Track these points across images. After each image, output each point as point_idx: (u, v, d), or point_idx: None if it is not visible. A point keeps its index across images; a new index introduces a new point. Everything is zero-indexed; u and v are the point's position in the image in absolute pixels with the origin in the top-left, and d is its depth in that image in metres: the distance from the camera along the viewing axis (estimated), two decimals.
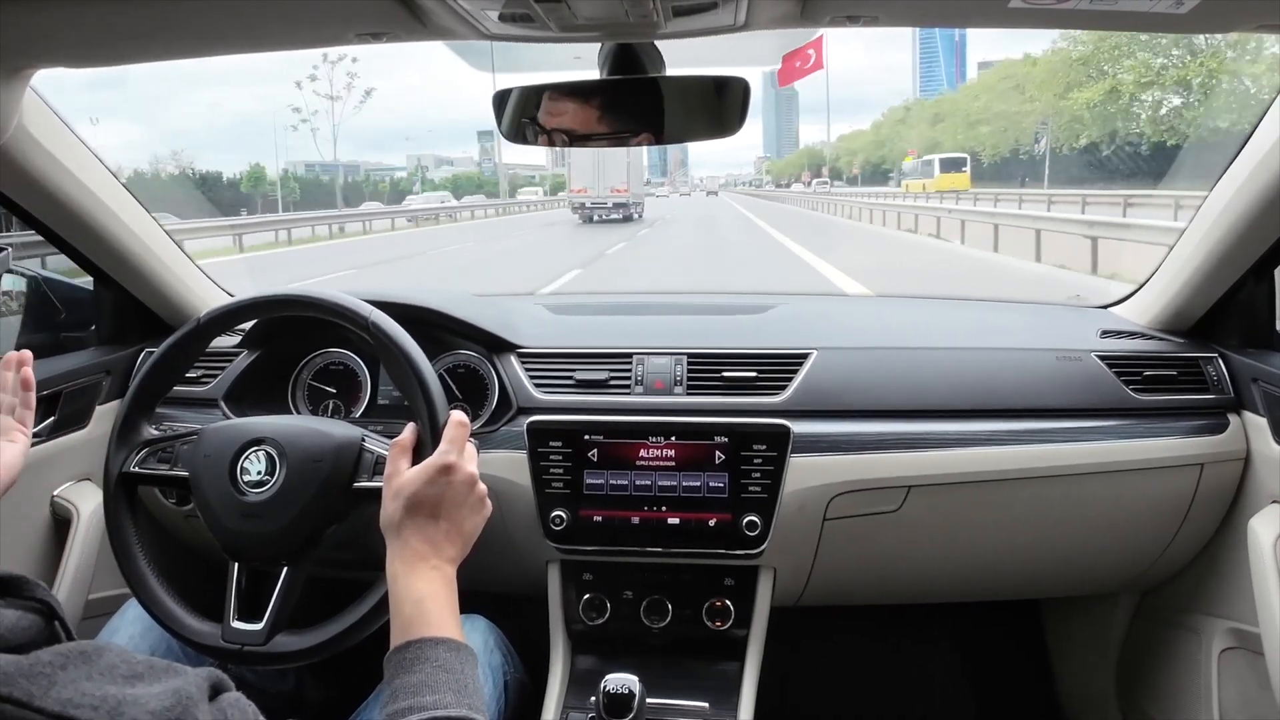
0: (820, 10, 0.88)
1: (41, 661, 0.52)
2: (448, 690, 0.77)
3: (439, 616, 0.85)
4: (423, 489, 0.91)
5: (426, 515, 0.92)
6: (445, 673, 0.79)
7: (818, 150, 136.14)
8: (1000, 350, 1.46)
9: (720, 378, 1.41)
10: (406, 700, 0.76)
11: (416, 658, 0.80)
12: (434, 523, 0.92)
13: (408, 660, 0.80)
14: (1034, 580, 1.57)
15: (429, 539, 0.91)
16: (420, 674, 0.78)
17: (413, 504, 0.91)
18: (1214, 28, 0.92)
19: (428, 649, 0.81)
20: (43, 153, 1.24)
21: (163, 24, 0.94)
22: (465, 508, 0.94)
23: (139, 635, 1.16)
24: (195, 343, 1.17)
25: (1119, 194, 17.79)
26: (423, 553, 0.90)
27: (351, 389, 1.53)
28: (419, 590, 0.87)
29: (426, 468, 0.93)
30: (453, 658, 0.81)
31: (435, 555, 0.90)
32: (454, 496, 0.93)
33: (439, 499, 0.92)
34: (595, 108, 0.99)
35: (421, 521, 0.91)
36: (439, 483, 0.92)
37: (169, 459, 1.12)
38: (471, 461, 0.96)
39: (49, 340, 1.64)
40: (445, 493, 0.92)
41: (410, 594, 0.86)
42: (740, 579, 1.39)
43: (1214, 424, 1.37)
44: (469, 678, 0.80)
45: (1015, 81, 42.07)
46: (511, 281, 10.92)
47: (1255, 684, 1.31)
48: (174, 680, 0.57)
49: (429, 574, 0.89)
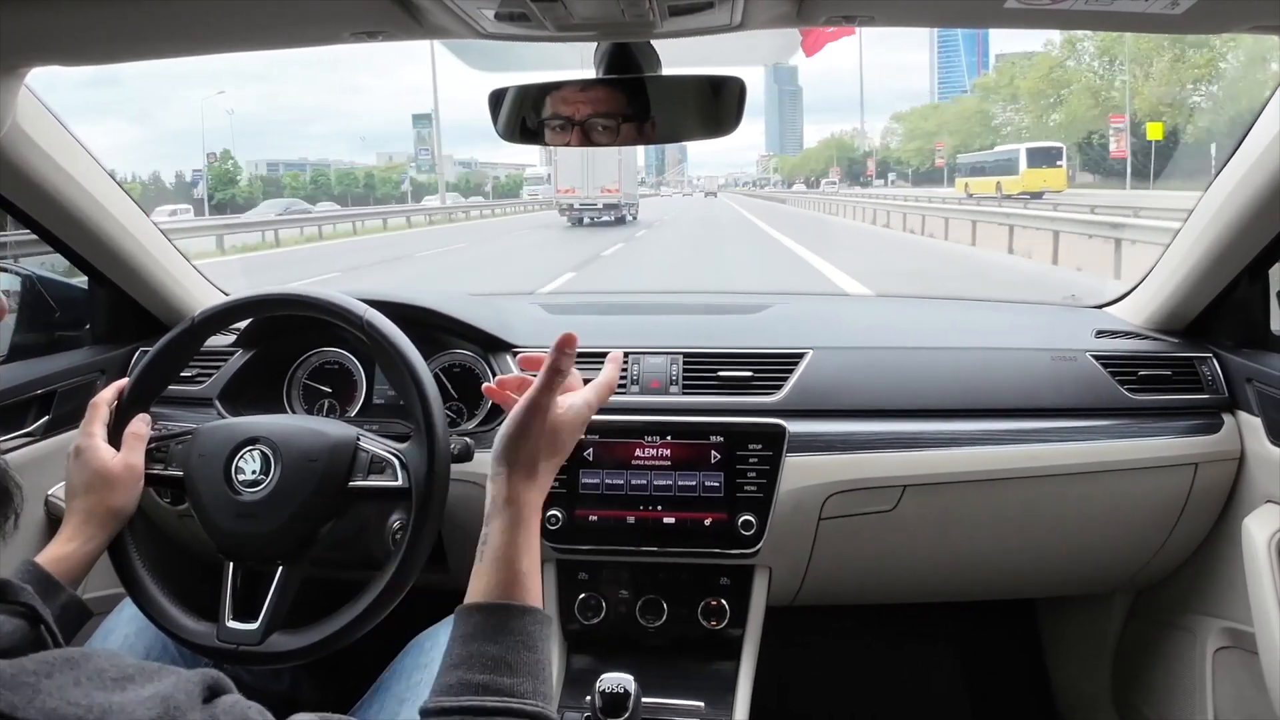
0: (816, 10, 0.89)
1: (25, 670, 0.50)
2: (528, 675, 0.71)
3: (535, 582, 0.78)
4: (535, 438, 0.83)
5: (535, 465, 0.83)
6: (529, 651, 0.72)
7: (847, 141, 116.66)
8: (995, 350, 1.46)
9: (716, 377, 1.41)
10: (483, 674, 0.70)
11: (502, 626, 0.73)
12: (541, 469, 0.83)
13: (493, 626, 0.73)
14: (1029, 580, 1.57)
15: (539, 493, 0.83)
16: (503, 646, 0.72)
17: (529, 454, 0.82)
18: (1209, 29, 0.92)
19: (516, 618, 0.74)
20: (37, 151, 1.24)
21: (157, 22, 0.94)
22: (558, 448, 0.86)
23: (134, 635, 1.16)
24: (190, 341, 1.17)
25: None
26: (533, 508, 0.81)
27: (347, 388, 1.53)
28: (526, 555, 0.78)
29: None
30: (538, 631, 0.74)
31: (537, 514, 0.82)
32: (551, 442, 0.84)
33: (539, 447, 0.83)
34: (591, 106, 0.99)
35: (531, 474, 0.83)
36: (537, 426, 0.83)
37: (163, 458, 1.12)
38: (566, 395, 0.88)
39: (43, 339, 1.64)
40: (543, 440, 0.83)
41: (516, 553, 0.78)
42: (736, 578, 1.39)
43: (1208, 424, 1.37)
44: (546, 657, 0.74)
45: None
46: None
47: (1250, 683, 1.31)
48: (165, 683, 0.54)
49: (535, 534, 0.80)
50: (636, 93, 0.99)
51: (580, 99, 0.99)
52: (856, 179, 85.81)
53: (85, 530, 1.01)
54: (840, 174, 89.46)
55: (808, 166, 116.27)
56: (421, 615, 1.21)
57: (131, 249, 1.48)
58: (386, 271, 14.12)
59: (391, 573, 1.04)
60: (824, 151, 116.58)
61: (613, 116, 0.99)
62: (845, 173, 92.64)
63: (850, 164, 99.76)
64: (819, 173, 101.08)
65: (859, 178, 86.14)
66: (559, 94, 0.99)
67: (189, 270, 1.64)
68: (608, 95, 0.99)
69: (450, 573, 1.41)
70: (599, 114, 0.99)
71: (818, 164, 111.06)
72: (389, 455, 1.08)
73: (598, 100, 0.99)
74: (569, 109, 1.00)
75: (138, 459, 1.07)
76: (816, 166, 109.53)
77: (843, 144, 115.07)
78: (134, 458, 1.07)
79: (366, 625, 1.04)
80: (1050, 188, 25.52)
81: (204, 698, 0.55)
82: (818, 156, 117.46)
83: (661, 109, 0.99)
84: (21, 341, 1.60)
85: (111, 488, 1.03)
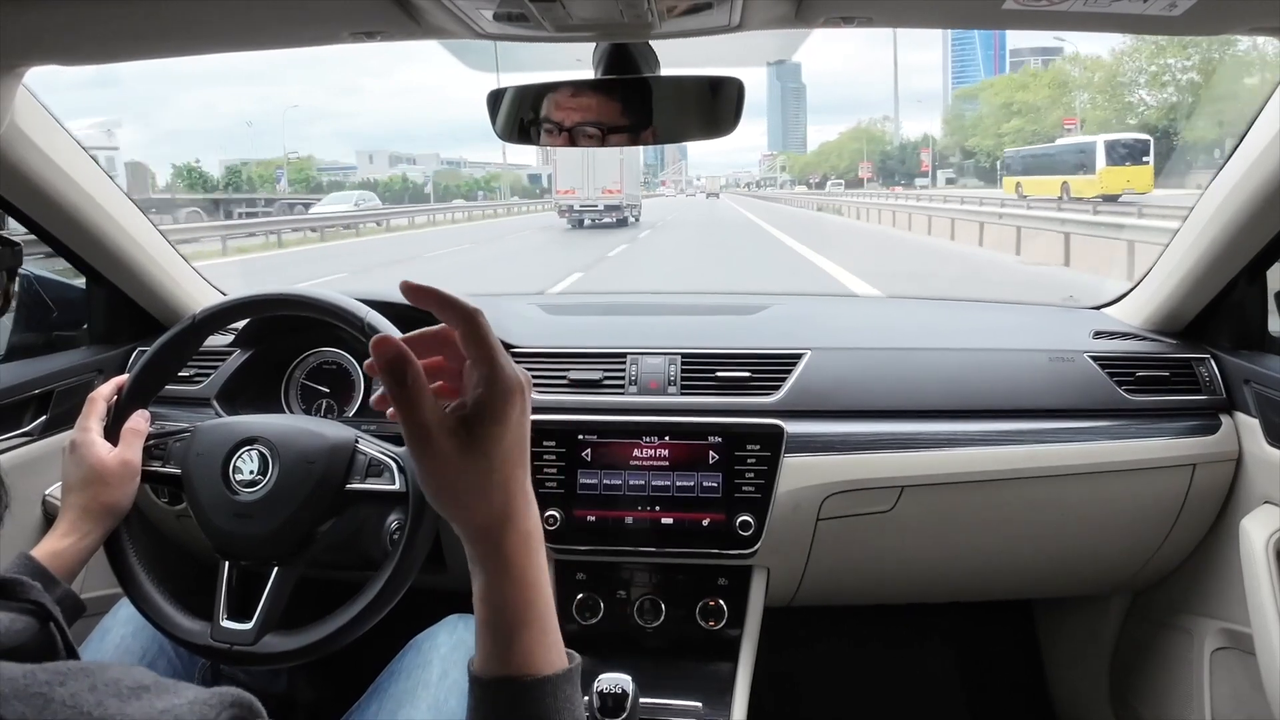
0: (815, 11, 0.89)
1: (38, 680, 0.48)
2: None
3: (540, 635, 0.63)
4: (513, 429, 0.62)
5: (526, 461, 0.65)
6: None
7: (877, 133, 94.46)
8: (993, 351, 1.46)
9: (714, 378, 1.41)
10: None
11: (510, 709, 0.62)
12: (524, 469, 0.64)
13: (498, 709, 0.62)
14: (1027, 581, 1.57)
15: (530, 494, 0.65)
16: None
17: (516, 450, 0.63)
18: (1208, 30, 0.92)
19: (521, 699, 0.61)
20: (35, 151, 1.24)
21: (156, 22, 0.94)
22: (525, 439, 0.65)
23: (130, 636, 1.16)
24: (191, 339, 1.17)
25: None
26: (534, 521, 0.64)
27: (344, 388, 1.53)
28: (516, 606, 0.62)
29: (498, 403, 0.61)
30: (552, 705, 0.62)
31: (520, 549, 0.63)
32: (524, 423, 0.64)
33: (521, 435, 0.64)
34: (590, 107, 0.99)
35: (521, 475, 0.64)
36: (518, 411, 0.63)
37: (161, 455, 1.11)
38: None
39: (41, 339, 1.64)
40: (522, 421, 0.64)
41: (507, 614, 0.62)
42: (734, 579, 1.39)
43: (1206, 425, 1.37)
44: (571, 717, 0.62)
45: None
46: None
47: (1247, 684, 1.31)
48: (180, 700, 0.50)
49: (525, 576, 0.63)
50: (635, 93, 0.99)
51: (579, 100, 0.99)
52: (892, 176, 73.18)
53: (81, 525, 1.01)
54: (872, 170, 76.39)
55: (827, 163, 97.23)
56: (420, 616, 1.21)
57: (129, 249, 1.48)
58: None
59: (388, 574, 1.04)
60: (848, 144, 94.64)
61: (610, 118, 0.99)
62: (879, 169, 78.92)
63: (884, 158, 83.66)
64: (843, 169, 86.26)
65: (894, 175, 72.85)
66: (557, 95, 0.99)
67: (186, 270, 1.63)
68: (606, 96, 0.99)
69: (449, 573, 1.41)
70: (596, 115, 0.99)
71: (840, 160, 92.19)
72: (387, 458, 1.08)
73: (596, 101, 0.99)
74: (567, 110, 1.00)
75: (134, 455, 1.07)
76: (838, 163, 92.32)
77: (873, 135, 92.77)
78: (131, 453, 1.06)
79: (362, 628, 1.04)
80: (1134, 189, 20.46)
81: (229, 718, 0.50)
82: (840, 150, 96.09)
83: (660, 110, 0.99)
84: (19, 341, 1.60)
85: (107, 483, 1.03)
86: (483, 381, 0.61)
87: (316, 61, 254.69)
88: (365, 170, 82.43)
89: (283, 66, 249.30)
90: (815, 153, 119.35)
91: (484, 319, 0.61)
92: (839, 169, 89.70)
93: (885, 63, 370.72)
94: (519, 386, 0.62)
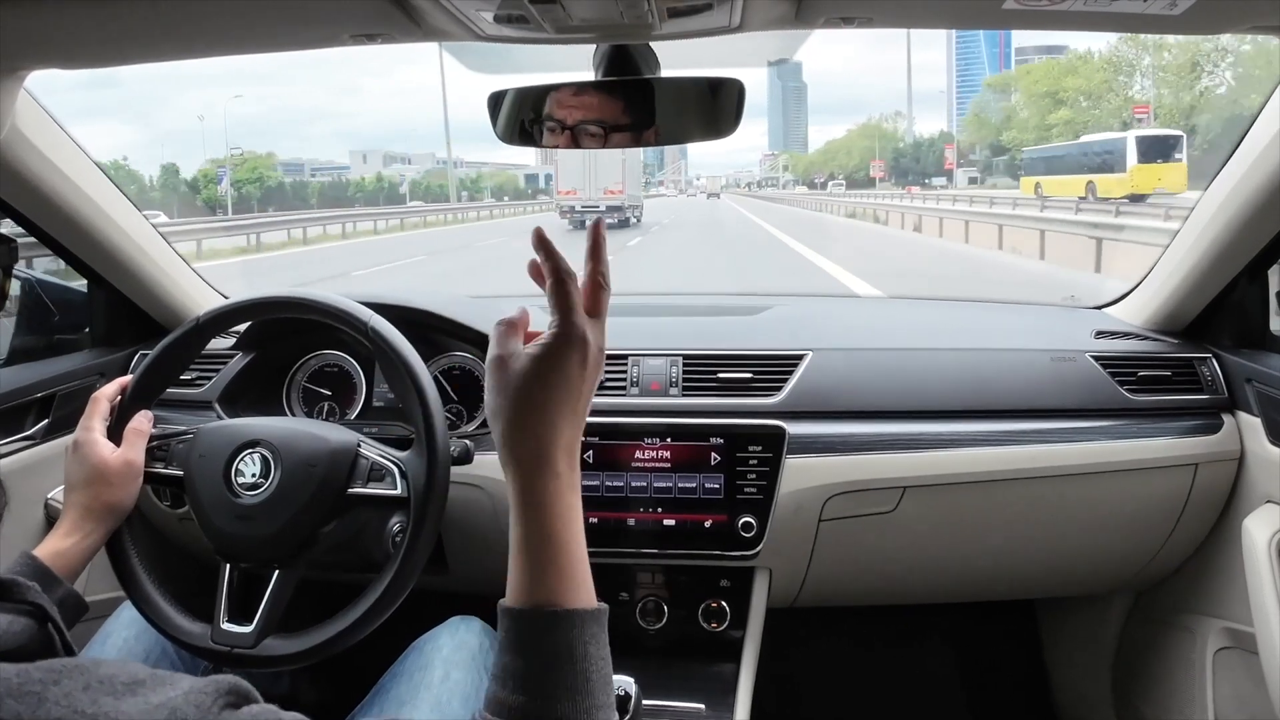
0: (815, 12, 0.89)
1: (32, 678, 0.49)
2: (567, 694, 0.63)
3: (569, 572, 0.66)
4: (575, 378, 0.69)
5: (578, 413, 0.70)
6: (569, 663, 0.63)
7: (889, 130, 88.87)
8: (995, 351, 1.46)
9: (716, 379, 1.41)
10: (516, 694, 0.62)
11: (532, 638, 0.64)
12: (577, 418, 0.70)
13: (521, 638, 0.64)
14: (1029, 581, 1.57)
15: (575, 446, 0.70)
16: (536, 662, 0.63)
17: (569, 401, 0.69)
18: (1208, 29, 0.92)
19: (546, 628, 0.64)
20: (36, 154, 1.24)
21: (157, 25, 0.94)
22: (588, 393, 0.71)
23: (133, 638, 1.16)
24: (194, 341, 1.17)
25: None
26: (574, 469, 0.70)
27: (346, 391, 1.53)
28: (549, 541, 0.67)
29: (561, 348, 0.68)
30: (577, 636, 0.64)
31: (557, 488, 0.68)
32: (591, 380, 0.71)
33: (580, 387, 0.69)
34: (589, 109, 0.99)
35: (524, 438, 0.68)
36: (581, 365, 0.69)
37: (164, 457, 1.12)
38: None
39: (42, 342, 1.64)
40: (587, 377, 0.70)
41: (536, 542, 0.67)
42: (736, 580, 1.39)
43: (1208, 424, 1.37)
44: (593, 663, 0.64)
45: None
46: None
47: (1250, 683, 1.31)
48: (175, 692, 0.51)
49: (558, 512, 0.68)
50: (635, 95, 0.99)
51: (579, 101, 0.99)
52: (905, 175, 69.59)
53: (83, 525, 1.01)
54: (884, 169, 71.33)
55: (834, 162, 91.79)
56: (422, 617, 1.21)
57: (130, 252, 1.48)
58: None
59: (390, 577, 1.04)
60: (858, 142, 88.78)
61: (610, 119, 0.99)
62: (891, 167, 74.04)
63: (897, 156, 78.51)
64: (852, 168, 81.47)
65: (908, 174, 68.81)
66: (558, 96, 0.99)
67: (188, 273, 1.64)
68: (606, 97, 0.99)
69: (451, 575, 1.41)
70: (597, 116, 0.99)
71: (848, 158, 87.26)
72: (389, 464, 1.08)
73: (596, 103, 0.99)
74: (567, 111, 1.00)
75: (137, 455, 1.07)
76: (846, 162, 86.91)
77: (884, 132, 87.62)
78: (133, 454, 1.06)
79: (364, 631, 1.04)
80: (1165, 188, 19.40)
81: (224, 705, 0.51)
82: (848, 149, 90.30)
83: (661, 111, 0.99)
84: (21, 344, 1.60)
85: (109, 483, 1.03)
86: (552, 326, 0.68)
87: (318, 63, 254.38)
88: (359, 169, 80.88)
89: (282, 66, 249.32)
90: (821, 151, 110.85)
91: (573, 281, 0.70)
92: (847, 168, 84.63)
93: (886, 64, 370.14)
94: (581, 343, 0.68)
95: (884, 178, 68.27)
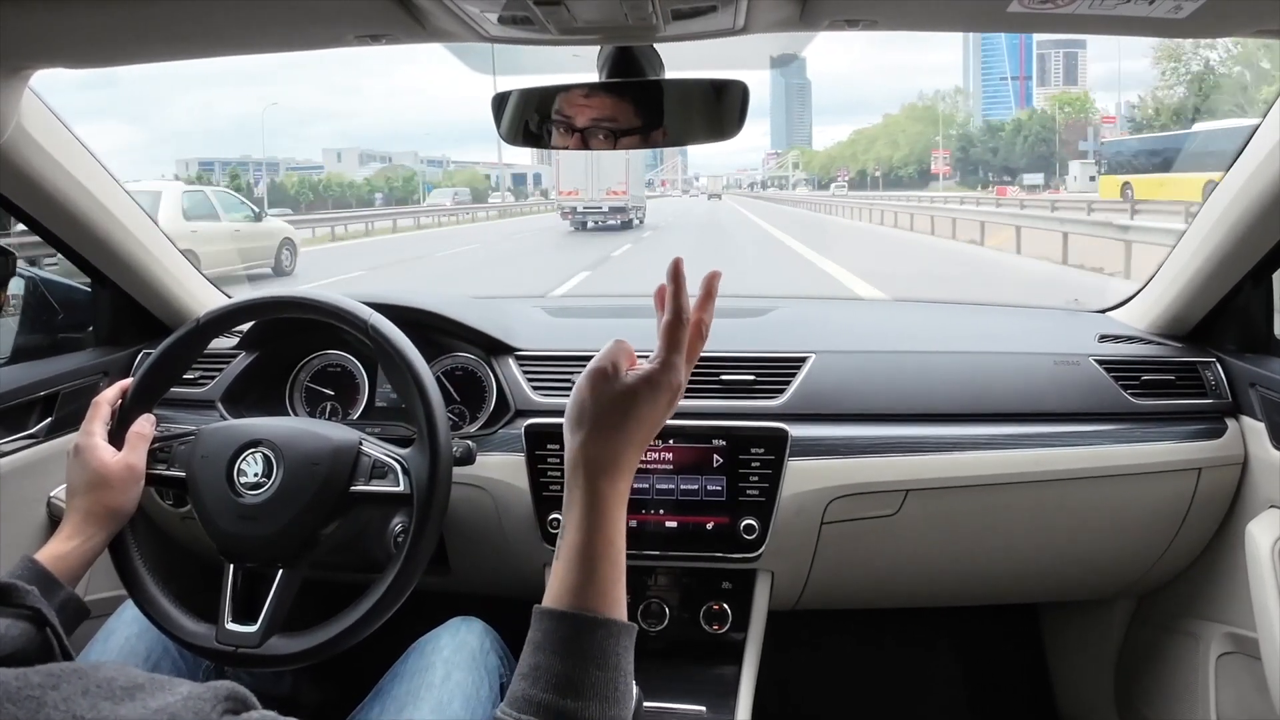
0: (819, 14, 0.89)
1: (31, 683, 0.48)
2: (597, 697, 0.65)
3: (615, 586, 0.71)
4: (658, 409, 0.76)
5: (646, 443, 0.77)
6: (600, 669, 0.66)
7: (948, 113, 65.36)
8: (998, 354, 1.46)
9: (718, 381, 1.41)
10: (548, 693, 0.65)
11: (573, 640, 0.67)
12: (617, 447, 0.75)
13: (563, 638, 0.67)
14: (1031, 585, 1.57)
15: (619, 476, 0.75)
16: (572, 663, 0.66)
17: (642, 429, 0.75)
18: (1212, 32, 0.92)
19: (588, 632, 0.67)
20: (41, 153, 1.24)
21: (163, 25, 0.94)
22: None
23: (135, 637, 1.16)
24: (195, 342, 1.17)
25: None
26: (616, 497, 0.73)
27: (349, 391, 1.53)
28: (606, 555, 0.71)
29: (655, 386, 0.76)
30: (613, 645, 0.68)
31: (620, 505, 0.74)
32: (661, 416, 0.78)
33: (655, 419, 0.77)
34: (594, 110, 0.99)
35: (606, 452, 0.74)
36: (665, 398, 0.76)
37: (166, 458, 1.12)
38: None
39: (46, 341, 1.64)
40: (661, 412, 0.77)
41: (594, 552, 0.70)
42: (738, 582, 1.39)
43: (1211, 429, 1.37)
44: (622, 673, 0.68)
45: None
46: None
47: (1253, 689, 1.31)
48: (174, 697, 0.51)
49: (617, 528, 0.72)
50: (639, 96, 0.99)
51: (583, 103, 0.99)
52: (975, 171, 54.29)
53: (85, 529, 1.01)
54: (949, 161, 55.31)
55: (868, 154, 71.18)
56: (424, 618, 1.21)
57: (135, 251, 1.48)
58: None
59: (392, 577, 1.04)
60: (907, 126, 69.19)
61: (615, 120, 0.99)
62: (959, 161, 57.76)
63: (965, 146, 59.03)
64: (899, 161, 61.89)
65: (977, 170, 51.90)
66: (562, 98, 0.99)
67: (192, 273, 1.64)
68: (610, 99, 0.99)
69: (452, 576, 1.41)
70: (601, 118, 0.99)
71: (892, 149, 66.12)
72: (391, 460, 1.08)
73: (600, 104, 0.99)
74: (572, 113, 1.00)
75: (138, 459, 1.07)
76: (889, 153, 66.58)
77: (933, 114, 65.84)
78: (135, 458, 1.06)
79: (366, 630, 1.04)
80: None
81: (223, 711, 0.52)
82: (891, 137, 70.01)
83: (665, 113, 1.00)
84: (25, 343, 1.61)
85: (110, 487, 1.03)
86: (659, 360, 0.77)
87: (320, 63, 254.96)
88: (333, 169, 78.63)
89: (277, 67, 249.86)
90: (847, 143, 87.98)
91: (687, 327, 0.79)
92: (889, 162, 64.90)
93: (886, 64, 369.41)
94: (677, 385, 0.77)
95: (949, 173, 53.63)
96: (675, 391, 0.76)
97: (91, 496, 1.02)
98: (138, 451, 1.07)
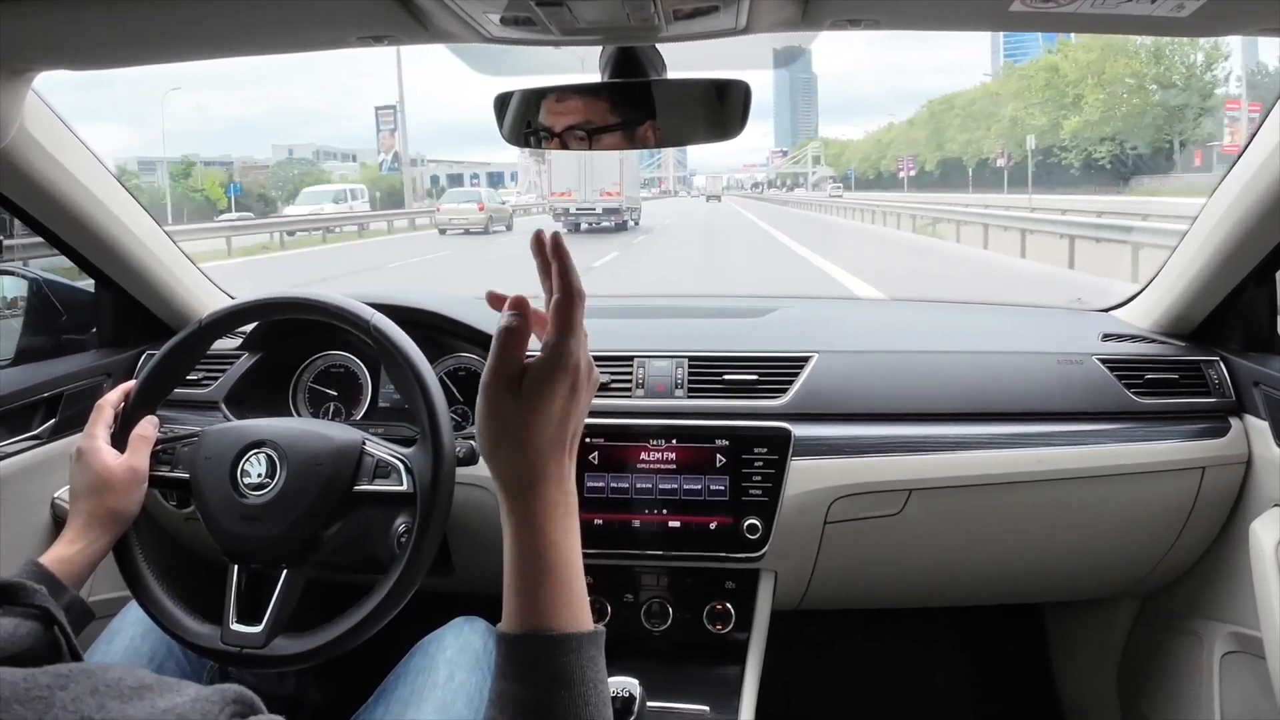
0: (821, 13, 0.89)
1: (39, 684, 0.48)
2: (566, 718, 0.63)
3: (565, 594, 0.67)
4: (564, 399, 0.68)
5: (566, 437, 0.70)
6: (565, 689, 0.63)
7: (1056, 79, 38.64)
8: (1001, 354, 1.46)
9: (721, 381, 1.41)
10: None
11: (530, 664, 0.64)
12: (566, 445, 0.70)
13: (520, 664, 0.64)
14: (1035, 584, 1.57)
15: (566, 468, 0.70)
16: (534, 688, 0.63)
17: (560, 419, 0.68)
18: (1215, 31, 0.92)
19: (544, 654, 0.64)
20: (44, 155, 1.24)
21: (165, 26, 0.94)
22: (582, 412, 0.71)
23: (139, 638, 1.16)
24: (198, 344, 1.17)
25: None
26: (566, 492, 0.69)
27: (352, 391, 1.53)
28: (541, 567, 0.67)
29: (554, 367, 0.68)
30: (573, 661, 0.64)
31: (549, 510, 0.68)
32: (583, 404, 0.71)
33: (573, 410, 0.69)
34: (596, 110, 0.99)
35: (561, 449, 0.69)
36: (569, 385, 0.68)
37: (169, 460, 1.12)
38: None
39: (50, 342, 1.65)
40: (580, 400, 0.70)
41: (529, 568, 0.67)
42: (741, 582, 1.39)
43: (1215, 428, 1.37)
44: (590, 686, 0.64)
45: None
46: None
47: (1257, 688, 1.30)
48: (182, 699, 0.50)
49: (554, 535, 0.68)
50: (641, 97, 0.99)
51: (584, 103, 0.99)
52: (1126, 162, 35.90)
53: (88, 532, 1.01)
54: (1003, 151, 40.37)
55: (945, 139, 51.38)
56: (427, 618, 1.21)
57: (138, 253, 1.48)
58: None
59: (396, 577, 1.04)
60: (984, 101, 49.22)
61: (617, 121, 0.99)
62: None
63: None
64: (980, 145, 44.98)
65: (1120, 155, 34.68)
66: (564, 98, 0.99)
67: (195, 274, 1.64)
68: (612, 99, 0.99)
69: (456, 576, 1.41)
70: (603, 118, 0.99)
71: (961, 133, 44.29)
72: (394, 460, 1.08)
73: (602, 104, 0.99)
74: (573, 113, 1.00)
75: (142, 461, 1.07)
76: (954, 138, 49.46)
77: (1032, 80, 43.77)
78: (138, 460, 1.07)
79: (370, 630, 1.04)
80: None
81: (231, 714, 0.51)
82: (988, 109, 47.29)
83: (667, 113, 1.00)
84: (28, 344, 1.61)
85: (113, 490, 1.03)
86: (546, 349, 0.68)
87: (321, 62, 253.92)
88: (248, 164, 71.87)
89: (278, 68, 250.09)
90: (903, 126, 67.18)
91: (581, 304, 0.69)
92: (969, 150, 46.45)
93: (887, 65, 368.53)
94: (574, 368, 0.68)
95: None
96: (577, 373, 0.68)
97: (95, 500, 1.03)
98: (141, 454, 1.08)
